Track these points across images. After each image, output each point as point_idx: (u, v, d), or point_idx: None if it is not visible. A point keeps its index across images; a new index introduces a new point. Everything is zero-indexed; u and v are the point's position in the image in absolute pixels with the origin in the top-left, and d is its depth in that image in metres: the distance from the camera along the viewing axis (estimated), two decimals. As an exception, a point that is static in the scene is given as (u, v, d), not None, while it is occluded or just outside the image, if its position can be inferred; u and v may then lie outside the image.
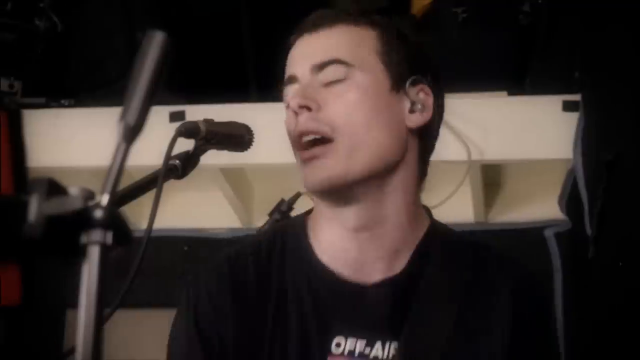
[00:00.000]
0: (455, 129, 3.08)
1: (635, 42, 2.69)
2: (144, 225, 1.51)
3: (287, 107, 1.66)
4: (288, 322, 1.66)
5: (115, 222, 1.00)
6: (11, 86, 3.28)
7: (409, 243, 1.69)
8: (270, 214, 2.90)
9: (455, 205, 3.19)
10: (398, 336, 1.62)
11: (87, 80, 3.46)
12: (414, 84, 1.69)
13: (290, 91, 1.67)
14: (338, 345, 1.63)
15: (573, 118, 3.03)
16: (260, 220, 3.23)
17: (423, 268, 1.68)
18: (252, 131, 1.70)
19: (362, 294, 1.66)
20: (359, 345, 1.62)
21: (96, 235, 0.99)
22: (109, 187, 1.02)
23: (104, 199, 1.01)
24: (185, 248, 3.63)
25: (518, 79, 3.20)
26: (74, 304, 0.97)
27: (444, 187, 3.17)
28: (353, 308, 1.65)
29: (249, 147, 1.69)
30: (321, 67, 1.65)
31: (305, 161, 1.62)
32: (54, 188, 1.00)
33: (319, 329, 1.64)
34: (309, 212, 1.76)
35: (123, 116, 1.07)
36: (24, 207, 0.97)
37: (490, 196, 3.45)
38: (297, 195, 2.85)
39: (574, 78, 3.09)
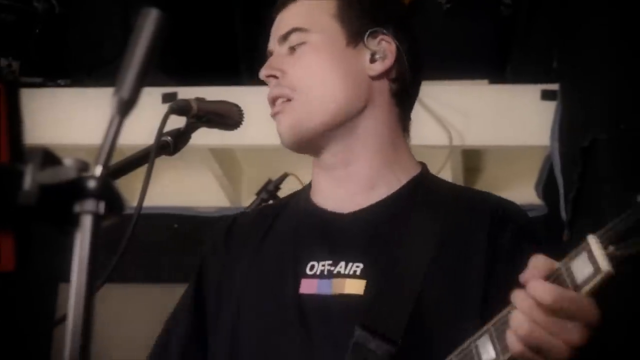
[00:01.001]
0: (437, 115, 3.08)
1: (610, 34, 2.68)
2: (134, 202, 1.51)
3: None
4: (269, 254, 1.77)
5: (108, 192, 0.99)
6: (9, 65, 3.27)
7: (387, 182, 1.76)
8: (258, 194, 2.90)
9: (436, 189, 3.20)
10: (363, 259, 1.68)
11: (84, 61, 3.44)
12: (373, 35, 1.77)
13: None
14: (312, 268, 1.71)
15: (551, 106, 3.04)
16: (248, 199, 3.23)
17: (402, 207, 1.73)
18: (242, 110, 1.69)
19: (336, 221, 1.75)
20: (327, 266, 1.70)
21: (89, 204, 0.98)
22: (102, 159, 1.01)
23: (98, 170, 1.00)
24: (175, 225, 3.63)
25: (499, 68, 3.20)
26: (66, 278, 0.97)
27: (425, 171, 3.17)
28: (327, 235, 1.74)
29: (239, 126, 1.69)
30: (285, 37, 1.76)
31: (274, 116, 1.73)
32: (49, 158, 0.99)
33: (296, 256, 1.73)
34: None
35: (117, 90, 1.06)
36: (19, 175, 0.96)
37: (470, 180, 3.46)
38: (284, 176, 2.85)
39: (552, 68, 3.10)
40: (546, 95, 3.05)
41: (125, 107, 1.05)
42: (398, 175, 1.78)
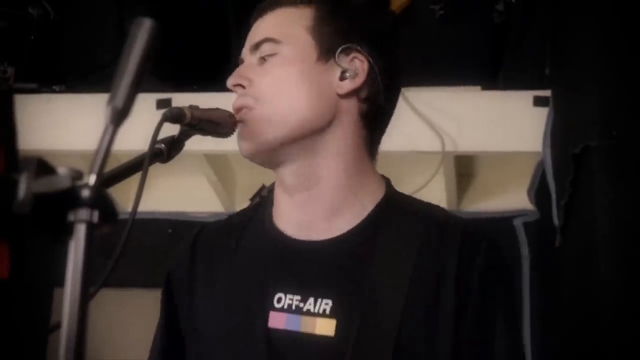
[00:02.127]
0: (430, 121, 3.09)
1: (602, 41, 2.69)
2: (129, 207, 1.50)
3: None
4: (236, 282, 1.71)
5: (101, 201, 0.99)
6: (4, 71, 3.26)
7: (352, 205, 1.69)
8: (252, 199, 2.91)
9: (429, 194, 3.19)
10: (331, 295, 1.63)
11: (78, 67, 3.44)
12: (345, 52, 1.70)
13: None
14: (279, 300, 1.65)
15: (543, 113, 3.04)
16: (242, 204, 3.23)
17: (373, 234, 1.67)
18: (235, 117, 1.69)
19: (301, 250, 1.68)
20: (295, 300, 1.64)
21: (83, 213, 0.98)
22: (96, 167, 1.02)
23: (91, 179, 1.00)
24: (169, 231, 3.62)
25: (491, 74, 3.21)
26: (61, 283, 0.97)
27: (418, 177, 3.18)
28: (293, 265, 1.68)
29: (232, 133, 1.68)
30: (256, 46, 1.71)
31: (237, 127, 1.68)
32: (43, 167, 0.99)
33: (262, 286, 1.67)
34: None
35: (111, 99, 1.06)
36: (13, 185, 0.97)
37: (463, 186, 3.46)
38: (278, 182, 2.85)
39: (544, 74, 3.10)
40: (538, 102, 3.06)
41: (119, 116, 1.06)
42: (363, 201, 1.70)
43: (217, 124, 1.65)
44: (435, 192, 3.30)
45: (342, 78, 1.69)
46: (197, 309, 1.74)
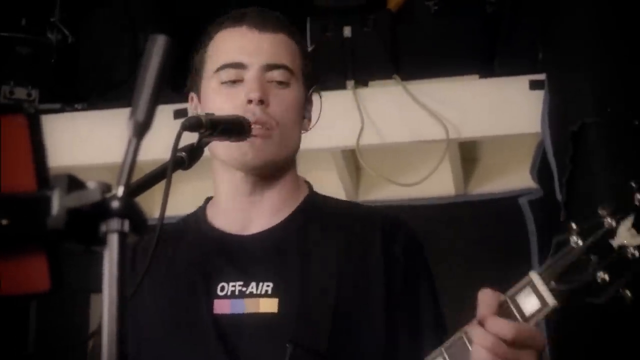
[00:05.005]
0: (433, 111, 3.08)
1: (591, 21, 2.68)
2: (155, 213, 1.51)
3: (226, 83, 1.80)
4: (177, 282, 1.79)
5: (131, 211, 1.00)
6: (29, 94, 3.28)
7: (289, 205, 1.84)
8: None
9: (437, 181, 3.20)
10: (272, 277, 1.73)
11: (98, 85, 3.44)
12: (310, 94, 1.89)
13: (231, 74, 1.80)
14: (222, 289, 1.74)
15: (539, 95, 3.02)
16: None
17: (301, 224, 1.82)
18: (249, 121, 1.69)
19: (241, 243, 1.80)
20: (238, 286, 1.73)
21: (114, 224, 0.99)
22: (124, 179, 1.02)
23: (120, 191, 1.00)
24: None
25: (487, 62, 3.19)
26: (97, 289, 0.97)
27: (426, 165, 3.17)
28: (233, 256, 1.78)
29: (248, 136, 1.68)
30: (272, 68, 1.80)
31: (250, 137, 1.74)
32: (73, 183, 0.99)
33: (205, 279, 1.76)
34: (209, 199, 1.94)
35: (132, 114, 1.06)
36: (47, 201, 0.97)
37: (468, 170, 3.45)
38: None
39: (538, 59, 3.09)
40: (534, 85, 3.05)
41: (141, 129, 1.06)
42: (296, 197, 1.86)
43: (233, 129, 1.66)
44: (442, 178, 3.30)
45: (304, 117, 1.88)
46: (139, 312, 1.77)
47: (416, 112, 3.09)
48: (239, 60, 1.79)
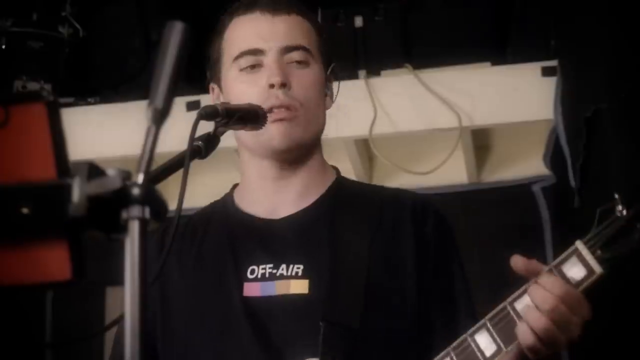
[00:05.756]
0: (446, 99, 3.07)
1: (603, 7, 2.66)
2: (171, 205, 1.50)
3: (245, 70, 1.78)
4: (207, 266, 1.79)
5: (151, 198, 0.99)
6: (41, 89, 3.27)
7: (317, 188, 1.83)
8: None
9: (450, 168, 3.19)
10: (302, 259, 1.73)
11: (110, 79, 3.44)
12: (329, 72, 1.87)
13: (249, 60, 1.78)
14: (252, 272, 1.74)
15: (552, 82, 3.01)
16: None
17: (330, 207, 1.81)
18: (264, 110, 1.68)
19: (270, 226, 1.79)
20: (268, 269, 1.73)
21: (135, 211, 0.98)
22: (143, 166, 1.01)
23: (140, 178, 1.00)
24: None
25: (499, 50, 3.18)
26: (112, 282, 0.97)
27: (439, 153, 3.16)
28: (263, 240, 1.78)
29: (264, 124, 1.67)
30: (290, 50, 1.78)
31: (275, 121, 1.74)
32: (94, 171, 0.99)
33: (235, 263, 1.76)
34: (236, 186, 1.93)
35: (151, 101, 1.05)
36: (68, 189, 0.96)
37: (481, 158, 3.44)
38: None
39: (550, 45, 3.08)
40: (546, 72, 3.03)
41: (159, 117, 1.05)
42: (324, 181, 1.85)
43: (249, 118, 1.65)
44: (455, 166, 3.29)
45: (326, 95, 1.87)
46: (170, 297, 1.78)
47: (429, 101, 3.08)
48: (256, 46, 1.78)
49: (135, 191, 0.98)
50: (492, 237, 3.30)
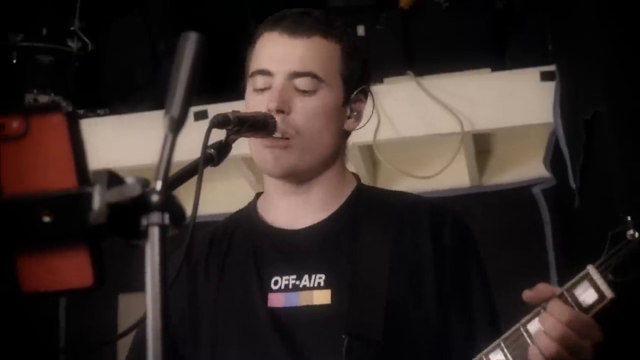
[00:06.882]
0: (447, 105, 3.07)
1: (600, 10, 2.66)
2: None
3: (256, 90, 1.75)
4: (232, 276, 1.78)
5: (170, 204, 0.99)
6: (58, 101, 3.28)
7: (337, 198, 1.81)
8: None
9: (452, 172, 3.20)
10: (324, 269, 1.71)
11: (118, 90, 3.44)
12: (356, 95, 1.81)
13: (260, 81, 1.75)
14: (276, 283, 1.73)
15: (550, 86, 3.02)
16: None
17: (351, 217, 1.79)
18: (273, 117, 1.68)
19: (292, 237, 1.77)
20: (291, 280, 1.72)
21: (155, 217, 0.98)
22: (161, 174, 1.01)
23: (158, 185, 0.99)
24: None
25: (499, 56, 3.19)
26: (125, 289, 0.96)
27: (441, 158, 3.17)
28: (285, 250, 1.76)
29: (274, 131, 1.67)
30: (298, 75, 1.73)
31: (268, 147, 1.72)
32: (113, 179, 0.98)
33: (258, 273, 1.75)
34: (259, 195, 1.91)
35: (167, 110, 1.05)
36: (88, 197, 0.96)
37: (482, 162, 3.45)
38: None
39: (548, 51, 3.08)
40: (545, 77, 3.04)
41: (176, 125, 1.05)
42: (344, 190, 1.82)
43: (259, 126, 1.65)
44: (457, 170, 3.29)
45: (349, 117, 1.81)
46: (197, 304, 1.78)
47: (430, 107, 3.08)
48: (267, 68, 1.74)
49: (155, 198, 0.98)
50: (494, 239, 3.29)
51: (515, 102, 3.09)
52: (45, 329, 3.63)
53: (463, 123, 3.04)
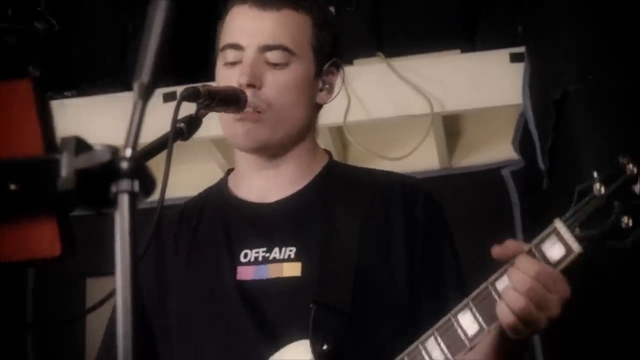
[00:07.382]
0: (417, 86, 3.06)
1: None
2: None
3: (227, 64, 1.75)
4: (201, 251, 1.78)
5: (140, 171, 0.97)
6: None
7: (308, 173, 1.81)
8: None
9: (422, 155, 3.19)
10: (294, 242, 1.71)
11: (86, 72, 3.40)
12: (328, 67, 1.81)
13: (231, 55, 1.74)
14: (245, 256, 1.72)
15: (520, 68, 3.02)
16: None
17: (322, 191, 1.79)
18: (244, 92, 1.66)
19: (263, 210, 1.78)
20: (261, 252, 1.72)
21: (124, 184, 0.95)
22: (131, 141, 0.99)
23: (128, 152, 0.97)
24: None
25: (469, 37, 3.18)
26: (92, 274, 0.94)
27: (411, 139, 3.16)
28: (255, 224, 1.76)
29: (245, 107, 1.65)
30: (269, 49, 1.72)
31: (239, 120, 1.71)
32: (81, 145, 0.96)
33: (228, 247, 1.75)
34: (230, 171, 1.91)
35: (137, 77, 1.03)
36: (56, 164, 0.93)
37: (452, 144, 3.44)
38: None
39: (517, 32, 3.08)
40: (515, 58, 3.04)
41: (146, 91, 1.02)
42: (314, 166, 1.83)
43: (230, 101, 1.63)
44: (427, 152, 3.28)
45: (321, 89, 1.82)
46: (166, 279, 1.77)
47: (400, 88, 3.07)
48: (238, 42, 1.73)
49: (124, 165, 0.95)
50: (463, 221, 3.28)
51: (485, 84, 3.08)
52: (12, 313, 3.58)
53: (433, 104, 3.04)
